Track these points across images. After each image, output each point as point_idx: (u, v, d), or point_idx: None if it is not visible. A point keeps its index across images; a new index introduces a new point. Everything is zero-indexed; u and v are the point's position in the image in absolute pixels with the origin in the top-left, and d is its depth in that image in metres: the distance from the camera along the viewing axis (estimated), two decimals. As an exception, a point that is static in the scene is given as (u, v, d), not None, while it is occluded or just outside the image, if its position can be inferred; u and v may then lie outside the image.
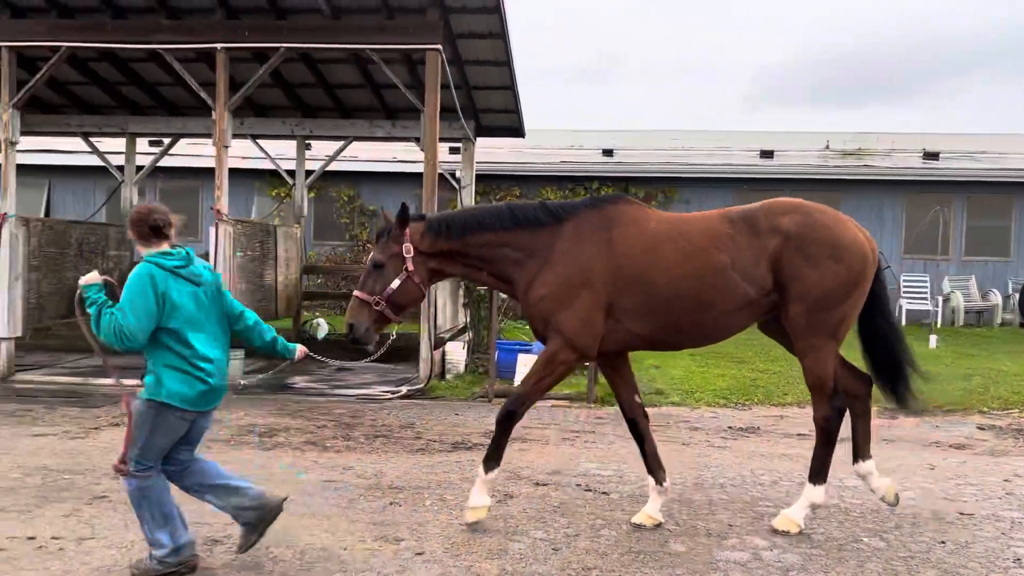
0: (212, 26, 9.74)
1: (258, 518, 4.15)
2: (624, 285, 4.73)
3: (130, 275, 3.96)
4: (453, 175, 15.67)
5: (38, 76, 10.02)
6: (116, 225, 12.86)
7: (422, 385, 9.60)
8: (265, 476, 5.83)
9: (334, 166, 13.91)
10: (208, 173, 18.63)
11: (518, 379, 9.76)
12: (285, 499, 4.32)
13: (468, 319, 11.53)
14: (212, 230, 9.84)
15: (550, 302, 4.76)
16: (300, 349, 4.50)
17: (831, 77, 69.39)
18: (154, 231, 4.01)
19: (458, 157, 15.98)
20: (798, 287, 4.66)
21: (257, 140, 13.32)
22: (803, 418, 8.20)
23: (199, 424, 4.15)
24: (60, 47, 9.81)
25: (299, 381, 10.33)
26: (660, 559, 4.42)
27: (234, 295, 4.70)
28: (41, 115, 12.80)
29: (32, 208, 18.13)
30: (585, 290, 4.71)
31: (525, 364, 9.86)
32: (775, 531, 4.85)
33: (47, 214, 18.88)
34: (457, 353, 10.74)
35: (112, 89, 12.69)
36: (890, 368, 5.15)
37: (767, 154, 19.63)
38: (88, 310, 3.92)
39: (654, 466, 5.04)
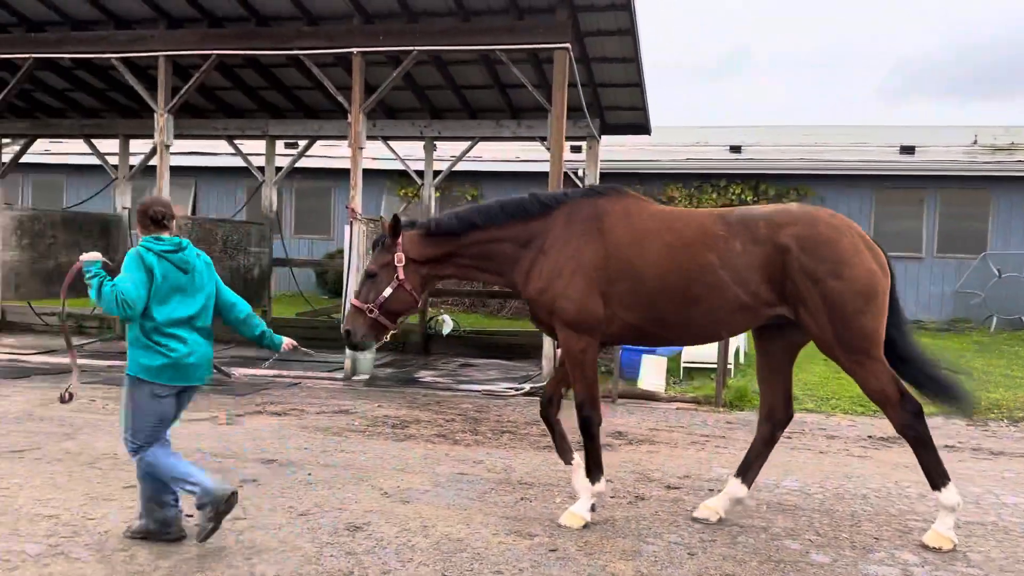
0: (349, 31, 10.12)
1: (218, 510, 4.25)
2: (614, 274, 4.75)
3: (125, 256, 4.34)
4: (575, 174, 15.66)
5: (191, 83, 10.69)
6: (257, 223, 13.56)
7: (545, 383, 9.62)
8: (400, 466, 6.01)
9: (458, 166, 14.16)
10: (340, 174, 19.35)
11: (642, 379, 9.67)
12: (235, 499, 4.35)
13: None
14: (347, 228, 10.22)
15: (550, 293, 4.82)
16: (287, 341, 4.81)
17: (977, 67, 64.92)
18: (153, 221, 4.38)
19: (579, 156, 15.99)
20: (811, 306, 4.53)
21: (388, 141, 13.72)
22: (945, 429, 7.73)
23: (179, 402, 4.43)
24: (211, 55, 10.43)
25: (426, 376, 10.60)
26: (802, 569, 4.26)
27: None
28: (191, 119, 13.64)
29: (180, 206, 19.41)
30: (577, 276, 4.76)
31: (650, 364, 9.75)
32: (926, 547, 4.58)
33: (193, 212, 20.14)
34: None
35: (254, 94, 13.38)
36: (926, 377, 4.83)
37: (908, 149, 18.56)
38: (89, 282, 4.25)
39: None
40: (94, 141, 14.56)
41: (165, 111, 10.59)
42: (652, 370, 9.64)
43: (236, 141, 14.35)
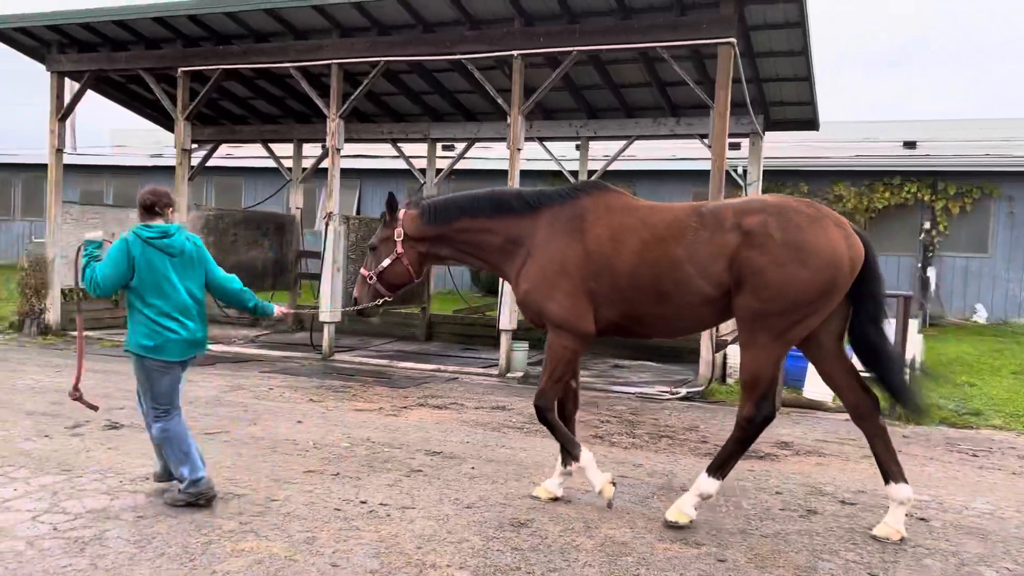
0: (510, 34, 10.27)
1: (198, 497, 4.74)
2: (595, 271, 4.82)
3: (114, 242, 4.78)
4: (735, 171, 15.19)
5: (360, 89, 11.21)
6: (417, 222, 14.04)
7: (701, 388, 9.39)
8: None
9: (613, 165, 14.07)
10: (494, 175, 19.74)
11: (807, 388, 9.22)
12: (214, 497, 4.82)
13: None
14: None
15: (535, 295, 4.96)
16: (278, 309, 5.31)
17: None
18: (146, 209, 4.83)
19: (738, 153, 15.48)
20: (756, 281, 4.46)
21: (543, 142, 13.83)
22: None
23: (180, 376, 4.88)
24: (379, 61, 10.89)
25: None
26: (1000, 602, 3.92)
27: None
28: (358, 123, 14.32)
29: (346, 207, 20.43)
30: (562, 278, 4.86)
31: (815, 372, 9.26)
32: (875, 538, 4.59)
33: (357, 212, 21.15)
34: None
35: (417, 98, 13.87)
36: (885, 376, 4.71)
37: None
38: (82, 259, 4.75)
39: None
40: (271, 145, 15.58)
41: (337, 116, 11.15)
42: (818, 378, 9.16)
43: (399, 144, 14.92)
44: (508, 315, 10.30)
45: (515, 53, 10.15)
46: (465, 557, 4.21)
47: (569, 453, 5.04)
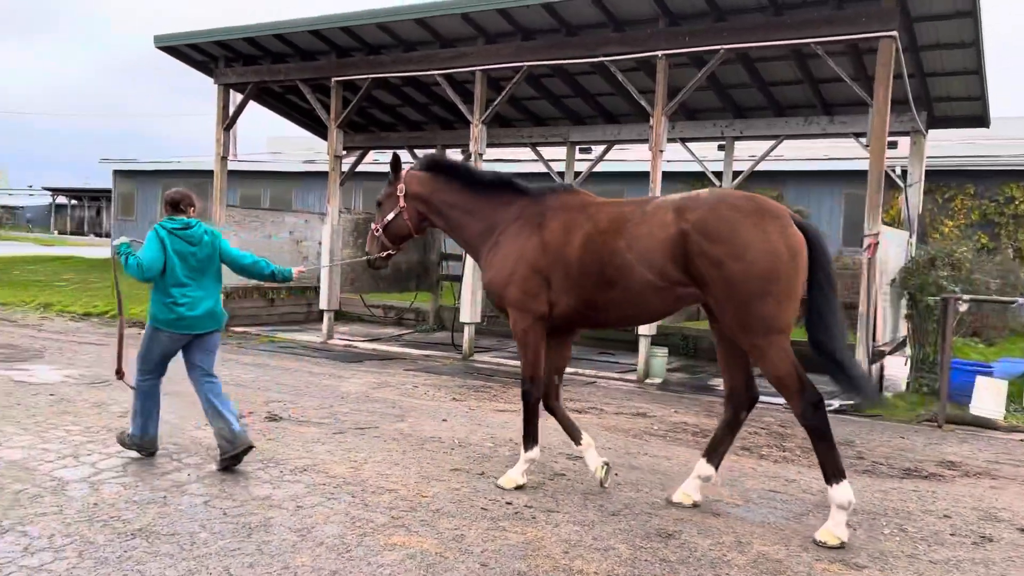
0: (654, 35, 10.12)
1: (227, 449, 5.38)
2: (551, 262, 5.22)
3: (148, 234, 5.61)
4: (893, 171, 14.35)
5: (503, 94, 11.37)
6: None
7: (855, 400, 8.89)
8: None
9: (759, 166, 13.58)
10: (631, 177, 19.57)
11: (976, 404, 8.56)
12: (251, 447, 5.48)
13: (910, 332, 10.41)
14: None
15: (497, 282, 5.42)
16: (296, 269, 6.04)
17: None
18: (173, 205, 5.66)
19: (897, 152, 14.58)
20: (713, 288, 4.66)
21: (686, 143, 13.55)
22: None
23: (202, 345, 5.62)
24: (522, 66, 11.01)
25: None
26: None
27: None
28: (499, 128, 14.53)
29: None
30: (520, 264, 5.29)
31: (985, 387, 8.59)
32: (816, 542, 4.52)
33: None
34: (898, 369, 9.76)
35: (559, 102, 13.92)
36: (832, 361, 4.76)
37: None
38: (119, 259, 5.54)
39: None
40: (416, 151, 16.07)
41: (480, 121, 11.36)
42: (988, 394, 8.49)
43: (539, 147, 15.02)
44: (649, 320, 10.15)
45: (659, 53, 10.00)
46: (612, 565, 4.15)
47: (526, 439, 5.42)
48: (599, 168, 15.69)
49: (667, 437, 7.11)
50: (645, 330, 10.14)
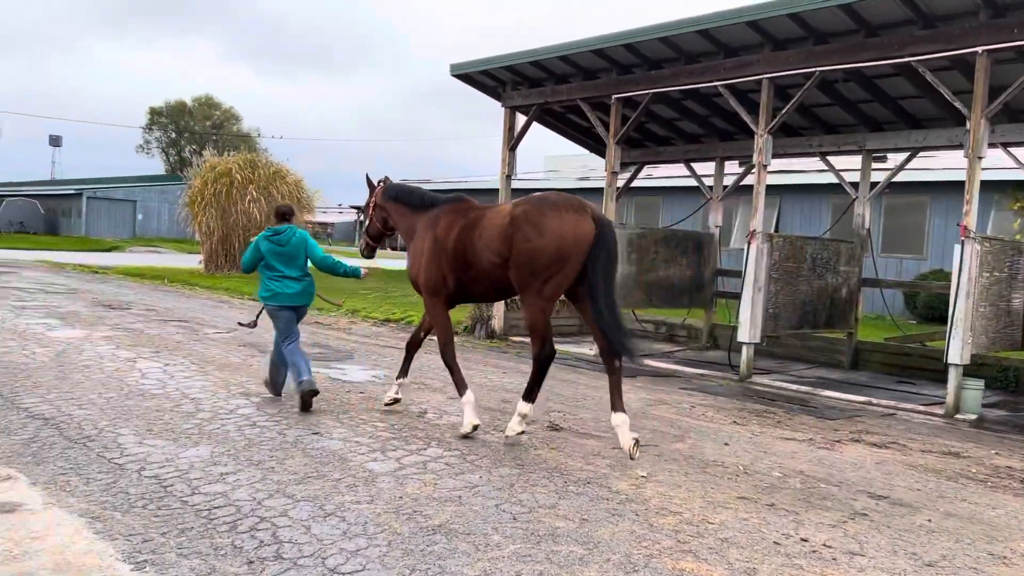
0: (973, 30, 9.04)
1: (302, 393, 7.23)
2: (439, 251, 6.85)
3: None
4: None
5: (792, 102, 10.78)
6: (847, 241, 13.06)
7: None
8: (1043, 534, 5.05)
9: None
10: (938, 188, 17.69)
11: None
12: (316, 392, 7.27)
13: None
14: (957, 248, 9.16)
15: (413, 271, 7.18)
16: (364, 270, 7.93)
17: None
18: (278, 216, 7.76)
19: None
20: (514, 256, 6.36)
21: (1007, 148, 11.94)
22: None
23: (298, 313, 7.67)
24: (813, 72, 10.36)
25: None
26: None
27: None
28: (784, 138, 13.80)
29: (766, 224, 19.88)
30: (423, 255, 7.00)
31: None
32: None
33: (776, 229, 20.46)
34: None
35: (853, 108, 12.93)
36: (603, 329, 6.31)
37: None
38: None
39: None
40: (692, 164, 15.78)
41: (765, 131, 10.86)
42: None
43: (828, 157, 14.06)
44: (959, 347, 9.04)
45: (979, 49, 8.92)
46: (933, 625, 3.68)
47: (458, 387, 6.84)
48: (899, 178, 14.37)
49: (988, 482, 6.24)
50: (955, 357, 9.03)
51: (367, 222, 8.02)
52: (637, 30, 11.91)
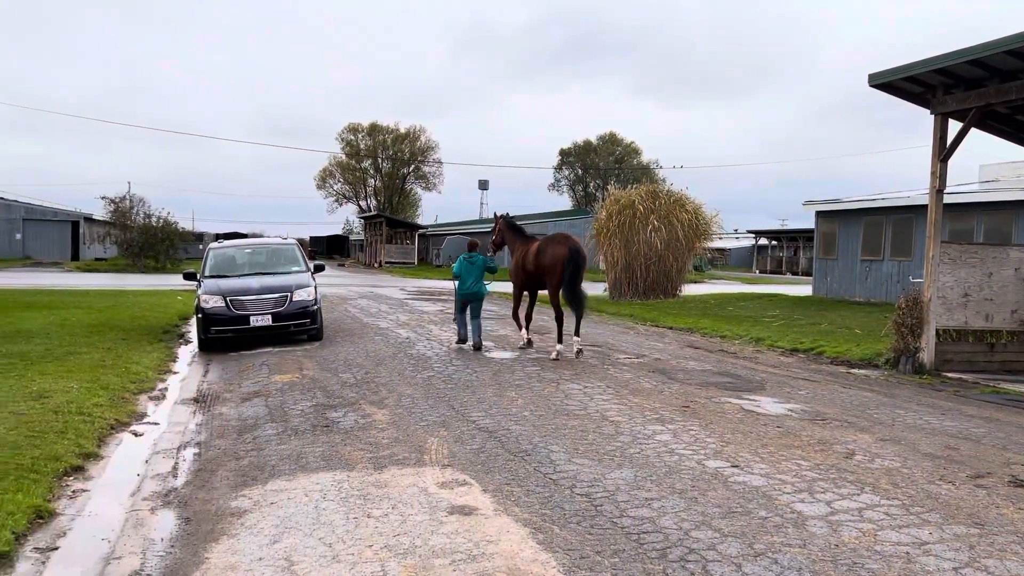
0: None
1: (475, 345, 13.15)
2: (521, 266, 13.35)
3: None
4: None
5: None
6: None
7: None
8: None
9: None
10: None
11: None
12: (479, 347, 13.01)
13: None
14: None
15: (511, 276, 14.18)
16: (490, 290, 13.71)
17: None
18: (469, 247, 13.59)
19: None
20: (537, 267, 12.64)
21: None
22: None
23: (472, 304, 13.42)
24: None
25: None
26: None
27: None
28: None
29: None
30: (517, 268, 13.61)
31: None
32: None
33: None
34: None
35: None
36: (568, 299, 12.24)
37: None
38: (452, 266, 15.69)
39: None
40: None
41: None
42: None
43: None
44: None
45: None
46: None
47: (522, 328, 13.69)
48: None
49: None
50: None
51: (494, 236, 14.53)
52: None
